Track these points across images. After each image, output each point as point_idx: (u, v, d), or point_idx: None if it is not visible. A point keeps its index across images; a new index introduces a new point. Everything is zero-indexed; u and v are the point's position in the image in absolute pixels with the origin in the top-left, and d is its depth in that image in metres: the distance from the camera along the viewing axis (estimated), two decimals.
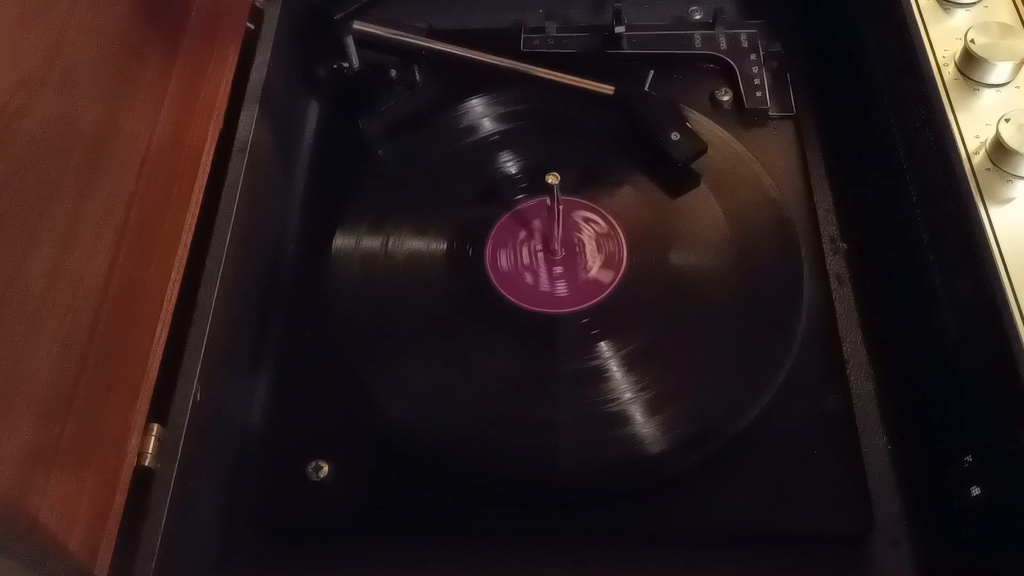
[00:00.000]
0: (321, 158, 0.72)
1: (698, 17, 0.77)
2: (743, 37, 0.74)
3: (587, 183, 0.65)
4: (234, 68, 0.64)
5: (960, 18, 0.59)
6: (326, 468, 0.55)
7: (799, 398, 0.56)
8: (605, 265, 0.61)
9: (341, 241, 0.64)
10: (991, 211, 0.49)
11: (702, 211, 0.64)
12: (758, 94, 0.71)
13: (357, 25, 0.70)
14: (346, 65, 0.72)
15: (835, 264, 0.63)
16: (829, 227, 0.65)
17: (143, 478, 0.48)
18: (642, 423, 0.54)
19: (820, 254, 0.63)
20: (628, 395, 0.55)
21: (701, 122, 0.68)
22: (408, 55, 0.73)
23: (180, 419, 0.50)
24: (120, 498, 0.47)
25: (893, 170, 0.60)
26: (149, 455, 0.48)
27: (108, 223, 0.53)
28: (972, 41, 0.55)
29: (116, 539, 0.46)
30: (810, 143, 0.69)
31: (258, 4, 0.69)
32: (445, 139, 0.69)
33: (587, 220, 0.63)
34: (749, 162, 0.66)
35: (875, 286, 0.62)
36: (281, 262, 0.66)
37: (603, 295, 0.60)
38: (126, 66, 0.57)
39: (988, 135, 0.52)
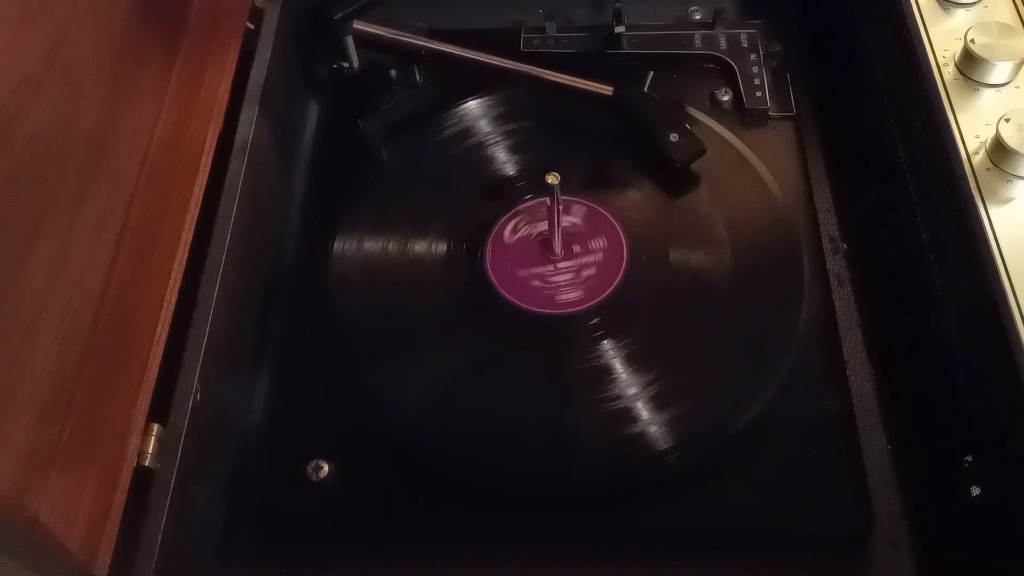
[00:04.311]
0: (321, 158, 0.72)
1: (698, 17, 0.77)
2: (743, 37, 0.74)
3: (587, 183, 0.65)
4: (234, 68, 0.64)
5: (960, 18, 0.59)
6: (326, 468, 0.55)
7: (799, 398, 0.56)
8: (605, 265, 0.61)
9: (341, 241, 0.64)
10: (991, 211, 0.49)
11: (702, 211, 0.64)
12: (758, 94, 0.71)
13: (357, 25, 0.70)
14: (346, 65, 0.72)
15: (835, 264, 0.63)
16: (829, 227, 0.65)
17: (143, 478, 0.48)
18: (642, 423, 0.54)
19: (820, 254, 0.63)
20: (628, 395, 0.55)
21: (701, 122, 0.68)
22: (408, 55, 0.73)
23: (180, 419, 0.50)
24: (120, 498, 0.47)
25: (893, 170, 0.60)
26: (149, 455, 0.48)
27: (108, 223, 0.53)
28: (972, 41, 0.55)
29: (116, 539, 0.46)
30: (810, 143, 0.69)
31: (258, 4, 0.69)
32: (445, 139, 0.69)
33: (587, 220, 0.63)
34: (749, 162, 0.66)
35: (875, 286, 0.62)
36: (281, 262, 0.66)
37: (603, 295, 0.60)
38: (126, 66, 0.57)
39: (988, 135, 0.52)
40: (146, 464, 0.48)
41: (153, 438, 0.49)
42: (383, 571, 0.53)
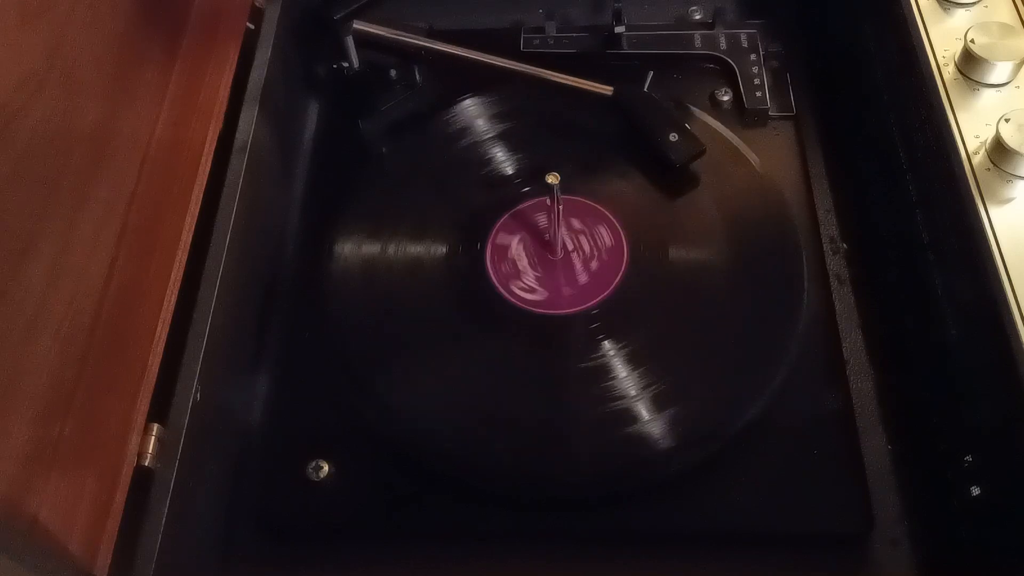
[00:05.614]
0: (321, 158, 0.72)
1: (698, 17, 0.77)
2: (743, 37, 0.74)
3: (587, 183, 0.65)
4: (234, 68, 0.64)
5: (960, 18, 0.59)
6: (326, 468, 0.55)
7: (799, 398, 0.56)
8: (605, 265, 0.61)
9: (341, 241, 0.64)
10: (991, 211, 0.49)
11: (702, 211, 0.64)
12: (758, 94, 0.71)
13: (357, 25, 0.70)
14: (346, 65, 0.72)
15: (835, 264, 0.63)
16: (829, 227, 0.65)
17: (143, 478, 0.48)
18: (642, 423, 0.54)
19: (820, 254, 0.63)
20: (628, 395, 0.55)
21: (701, 121, 0.68)
22: (408, 55, 0.73)
23: (180, 419, 0.50)
24: (120, 498, 0.47)
25: (893, 170, 0.60)
26: (149, 455, 0.48)
27: (108, 223, 0.52)
28: (972, 41, 0.55)
29: (116, 539, 0.46)
30: (810, 143, 0.69)
31: (258, 4, 0.69)
32: (445, 139, 0.69)
33: (587, 220, 0.63)
34: (749, 162, 0.66)
35: (875, 286, 0.62)
36: (281, 262, 0.66)
37: (603, 295, 0.60)
38: (126, 66, 0.57)
39: (988, 135, 0.52)
40: (146, 464, 0.48)
41: (153, 438, 0.49)
42: (383, 571, 0.53)
